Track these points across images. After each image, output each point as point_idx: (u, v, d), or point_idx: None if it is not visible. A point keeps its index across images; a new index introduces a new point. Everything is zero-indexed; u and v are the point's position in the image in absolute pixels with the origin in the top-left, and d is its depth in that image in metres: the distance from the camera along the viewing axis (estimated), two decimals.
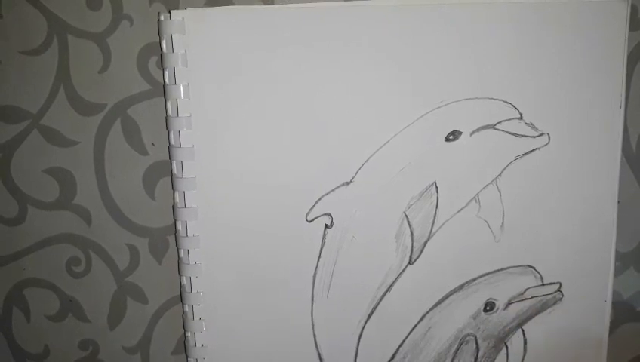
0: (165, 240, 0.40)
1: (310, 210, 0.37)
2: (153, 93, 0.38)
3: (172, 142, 0.37)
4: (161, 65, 0.37)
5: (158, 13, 0.36)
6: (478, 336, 0.39)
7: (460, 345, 0.40)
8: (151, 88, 0.38)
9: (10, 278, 0.41)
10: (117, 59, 0.38)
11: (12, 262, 0.41)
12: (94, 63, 0.38)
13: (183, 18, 0.35)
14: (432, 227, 0.38)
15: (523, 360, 0.40)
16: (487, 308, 0.39)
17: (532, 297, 0.39)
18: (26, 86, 0.38)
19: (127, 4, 0.37)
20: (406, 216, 0.38)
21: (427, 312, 0.39)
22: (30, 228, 0.40)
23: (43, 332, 0.42)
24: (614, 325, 0.42)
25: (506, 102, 0.37)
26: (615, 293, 0.42)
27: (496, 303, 0.39)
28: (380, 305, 0.39)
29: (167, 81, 0.36)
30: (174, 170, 0.37)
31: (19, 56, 0.38)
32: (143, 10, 0.37)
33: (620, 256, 0.42)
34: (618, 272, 0.42)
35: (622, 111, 0.37)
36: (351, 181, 0.37)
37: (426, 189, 0.37)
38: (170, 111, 0.37)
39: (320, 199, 0.37)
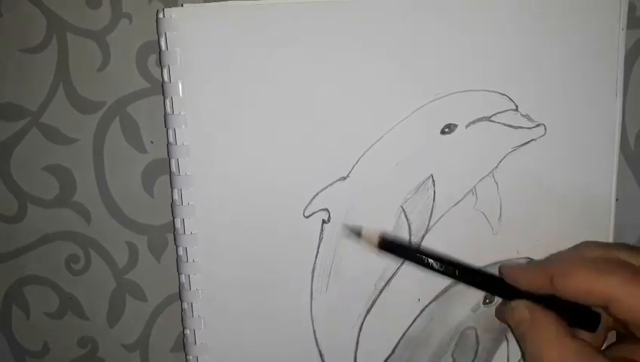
0: (164, 237, 0.40)
1: (307, 205, 0.37)
2: (152, 91, 0.39)
3: (170, 139, 0.37)
4: (160, 63, 0.37)
5: (157, 11, 0.36)
6: (478, 329, 0.39)
7: (461, 338, 0.39)
8: (150, 86, 0.39)
9: (10, 276, 0.41)
10: (116, 58, 0.38)
11: (11, 259, 0.41)
12: (93, 61, 0.38)
13: (178, 15, 0.35)
14: (429, 220, 0.38)
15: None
16: (487, 301, 0.38)
17: None
18: (25, 84, 0.39)
19: (126, 3, 0.38)
20: (403, 209, 0.38)
21: (427, 306, 0.39)
22: (29, 225, 0.40)
23: (42, 329, 0.42)
24: None
25: (501, 93, 0.37)
26: None
27: None
28: (379, 299, 0.38)
29: (165, 78, 0.37)
30: (172, 168, 0.37)
31: (18, 54, 0.38)
32: (142, 9, 0.38)
33: None
34: None
35: (618, 102, 0.37)
36: (347, 176, 0.37)
37: (423, 182, 0.37)
38: (168, 109, 0.37)
39: (317, 194, 0.37)
